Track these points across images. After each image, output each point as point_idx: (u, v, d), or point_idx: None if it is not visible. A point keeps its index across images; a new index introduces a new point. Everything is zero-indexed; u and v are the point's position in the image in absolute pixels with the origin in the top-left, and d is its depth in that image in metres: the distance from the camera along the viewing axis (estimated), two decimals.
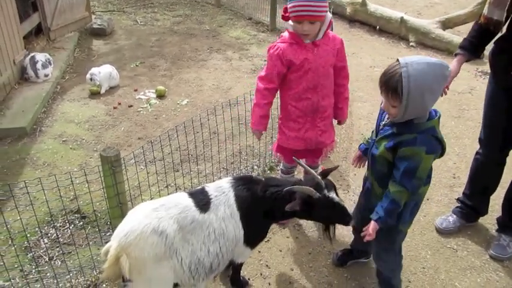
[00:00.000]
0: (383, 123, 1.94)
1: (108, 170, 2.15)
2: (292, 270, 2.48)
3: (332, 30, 4.57)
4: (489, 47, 2.46)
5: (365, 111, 4.24)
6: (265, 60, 5.42)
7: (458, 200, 2.87)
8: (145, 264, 1.71)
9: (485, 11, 2.28)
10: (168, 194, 2.84)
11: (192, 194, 1.95)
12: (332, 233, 2.13)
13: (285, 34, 2.38)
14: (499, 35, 2.33)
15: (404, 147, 1.78)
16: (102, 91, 4.46)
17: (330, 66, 2.41)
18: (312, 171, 2.08)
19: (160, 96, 4.42)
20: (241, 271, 2.30)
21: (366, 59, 5.47)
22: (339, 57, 2.45)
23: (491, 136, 2.55)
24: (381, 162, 1.93)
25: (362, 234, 1.95)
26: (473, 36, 2.35)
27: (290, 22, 2.33)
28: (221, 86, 4.71)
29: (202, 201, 1.91)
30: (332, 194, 1.96)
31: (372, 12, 6.49)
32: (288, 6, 2.26)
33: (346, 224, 2.10)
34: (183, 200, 1.89)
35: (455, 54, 2.41)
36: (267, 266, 2.50)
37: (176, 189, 3.01)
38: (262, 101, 2.44)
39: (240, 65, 5.28)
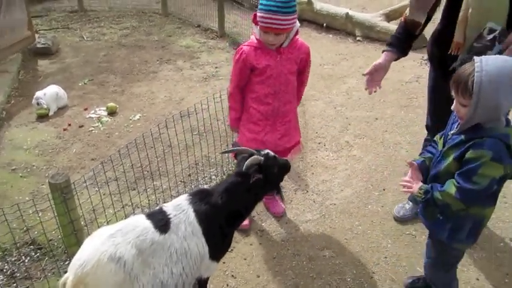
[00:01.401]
0: (451, 132, 1.81)
1: (58, 198, 2.07)
2: (259, 277, 2.49)
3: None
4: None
5: (318, 109, 4.31)
6: (216, 68, 5.45)
7: None
8: None
9: (407, 11, 2.32)
10: (126, 215, 2.80)
11: (150, 216, 1.91)
12: (282, 195, 2.34)
13: (253, 37, 2.43)
14: (437, 27, 2.41)
15: (472, 150, 1.64)
16: (51, 113, 4.30)
17: (291, 74, 2.48)
18: (244, 148, 2.14)
19: (112, 113, 4.31)
20: (207, 285, 2.28)
21: (316, 57, 5.56)
22: (301, 66, 2.53)
23: (436, 122, 2.64)
24: (443, 176, 1.78)
25: (401, 183, 1.90)
26: (400, 33, 2.39)
27: (257, 28, 2.38)
28: (173, 98, 4.66)
29: (161, 221, 1.87)
30: (267, 150, 2.10)
31: (318, 10, 6.61)
32: (257, 14, 2.31)
33: (289, 170, 2.23)
34: (140, 223, 1.84)
35: (383, 51, 2.43)
36: (232, 276, 2.49)
37: (134, 208, 2.94)
38: (236, 104, 2.57)
39: (192, 74, 5.24)
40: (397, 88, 4.59)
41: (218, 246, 2.02)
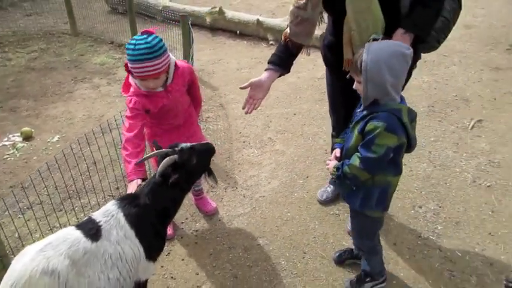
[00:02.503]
0: (358, 110, 2.04)
1: None
2: (198, 274, 2.55)
3: (193, 41, 4.72)
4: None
5: (239, 111, 4.44)
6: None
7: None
8: None
9: (287, 31, 2.32)
10: None
11: (79, 226, 1.89)
12: (214, 177, 2.28)
13: (133, 85, 2.34)
14: (327, 36, 2.44)
15: (369, 123, 1.88)
16: None
17: (186, 102, 2.56)
18: (157, 151, 2.10)
19: (27, 138, 4.11)
20: None
21: (232, 63, 5.75)
22: (190, 85, 2.58)
23: (336, 119, 2.82)
24: (351, 152, 2.00)
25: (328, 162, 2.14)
26: (282, 52, 2.36)
27: (134, 79, 2.32)
28: (93, 115, 4.55)
29: (91, 230, 1.85)
30: (182, 145, 2.07)
31: (230, 18, 6.82)
32: (129, 65, 2.23)
33: (214, 151, 2.27)
34: (71, 234, 1.81)
35: (266, 69, 2.39)
36: (172, 277, 2.53)
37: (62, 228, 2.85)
38: (135, 149, 2.26)
39: (110, 89, 5.15)
40: (311, 84, 4.90)
41: (153, 245, 2.04)
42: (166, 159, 2.00)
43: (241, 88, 2.38)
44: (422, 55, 2.41)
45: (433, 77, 4.92)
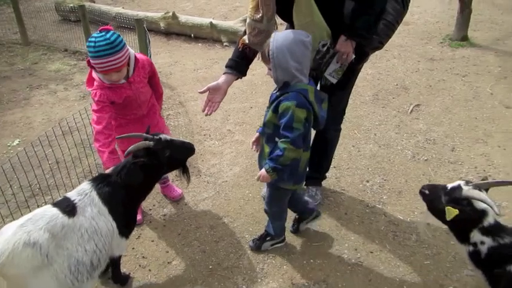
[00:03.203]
0: (273, 92, 2.27)
1: None
2: (167, 252, 2.72)
3: (149, 42, 4.87)
4: None
5: (198, 107, 4.65)
6: None
7: None
8: (26, 279, 1.76)
9: (245, 38, 2.49)
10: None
11: (56, 204, 2.04)
12: (188, 175, 2.46)
13: (96, 78, 2.48)
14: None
15: (281, 104, 2.12)
16: None
17: (148, 92, 2.72)
18: (139, 133, 2.28)
19: None
20: (120, 268, 2.44)
21: (189, 65, 5.94)
22: (153, 79, 2.77)
23: None
24: (268, 126, 2.27)
25: (255, 178, 2.28)
26: (238, 57, 2.53)
27: (97, 73, 2.47)
28: (52, 118, 4.59)
29: (68, 207, 2.01)
30: (162, 135, 2.25)
31: (183, 22, 7.00)
32: (91, 61, 2.37)
33: (192, 151, 2.44)
34: (48, 211, 1.95)
35: (224, 73, 2.55)
36: (143, 257, 2.68)
37: None
38: (107, 140, 2.42)
39: (68, 94, 5.20)
40: (265, 81, 5.17)
41: (124, 222, 2.21)
42: (141, 142, 2.17)
43: (200, 92, 2.53)
44: None
45: (376, 70, 5.35)
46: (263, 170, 2.22)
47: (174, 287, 2.47)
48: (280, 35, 2.13)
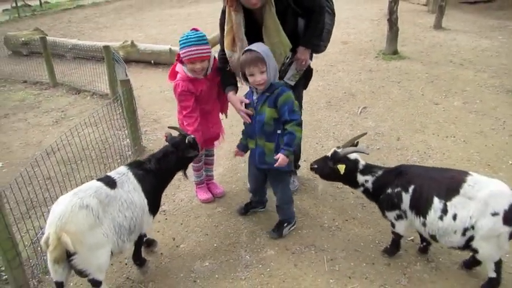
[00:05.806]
0: (254, 98, 2.73)
1: None
2: (174, 239, 3.08)
3: (124, 64, 5.22)
4: None
5: (173, 122, 5.05)
6: (63, 111, 5.67)
7: None
8: (84, 234, 2.10)
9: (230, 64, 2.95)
10: (31, 237, 2.99)
11: (99, 179, 2.42)
12: (185, 174, 2.91)
13: (179, 75, 2.97)
14: None
15: (280, 97, 2.62)
16: None
17: (215, 92, 3.19)
18: (180, 128, 2.91)
19: None
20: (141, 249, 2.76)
21: (155, 87, 6.33)
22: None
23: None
24: (268, 123, 2.68)
25: (275, 165, 2.65)
26: (230, 76, 3.03)
27: (182, 66, 2.96)
28: (30, 142, 4.77)
29: (110, 182, 2.40)
30: (191, 136, 2.77)
31: (143, 50, 7.40)
32: (181, 52, 2.91)
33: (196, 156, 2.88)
34: (94, 184, 2.34)
35: (230, 90, 3.00)
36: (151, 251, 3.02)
37: (42, 228, 3.14)
38: (191, 120, 3.02)
39: (39, 120, 5.37)
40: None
41: (153, 202, 2.62)
42: (188, 136, 2.69)
43: (244, 112, 2.87)
44: (316, 67, 3.30)
45: (326, 82, 6.08)
46: (281, 155, 2.62)
47: (187, 263, 2.83)
48: (256, 44, 2.68)
